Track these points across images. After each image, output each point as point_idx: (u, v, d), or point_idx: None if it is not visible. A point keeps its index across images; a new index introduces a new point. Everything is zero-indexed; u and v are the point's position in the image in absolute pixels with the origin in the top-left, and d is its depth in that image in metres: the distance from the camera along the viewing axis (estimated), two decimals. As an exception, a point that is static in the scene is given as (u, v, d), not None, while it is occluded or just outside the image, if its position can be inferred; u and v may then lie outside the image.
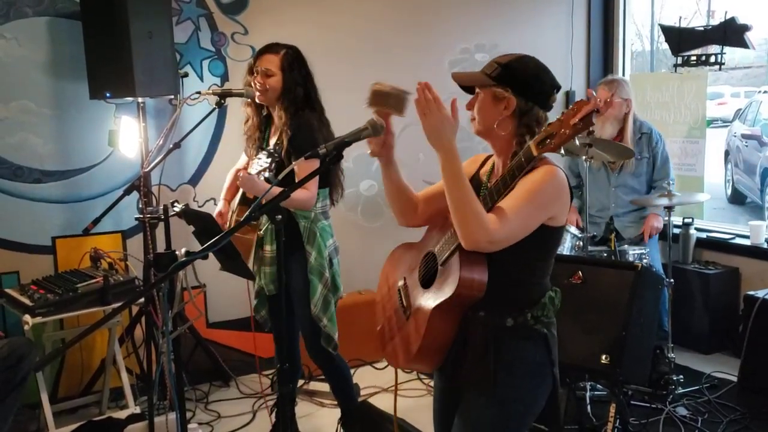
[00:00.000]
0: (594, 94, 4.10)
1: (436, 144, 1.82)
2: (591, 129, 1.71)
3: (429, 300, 1.96)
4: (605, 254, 4.03)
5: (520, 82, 1.92)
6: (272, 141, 3.15)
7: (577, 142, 3.72)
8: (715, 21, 4.60)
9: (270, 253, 3.12)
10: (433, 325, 1.93)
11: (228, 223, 3.23)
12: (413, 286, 2.07)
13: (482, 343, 1.94)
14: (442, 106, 1.81)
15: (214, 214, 3.21)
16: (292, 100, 3.04)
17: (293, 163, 2.59)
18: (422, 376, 4.16)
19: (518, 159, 1.83)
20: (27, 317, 3.18)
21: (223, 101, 3.16)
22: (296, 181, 2.36)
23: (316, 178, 3.01)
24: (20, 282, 3.72)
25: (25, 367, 3.18)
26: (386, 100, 1.93)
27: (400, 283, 2.15)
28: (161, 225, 3.46)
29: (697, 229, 4.80)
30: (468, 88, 2.01)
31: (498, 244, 1.82)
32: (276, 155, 2.91)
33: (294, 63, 3.08)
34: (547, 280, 2.01)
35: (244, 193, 3.13)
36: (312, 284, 3.09)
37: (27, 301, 3.24)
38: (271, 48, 3.08)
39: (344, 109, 3.81)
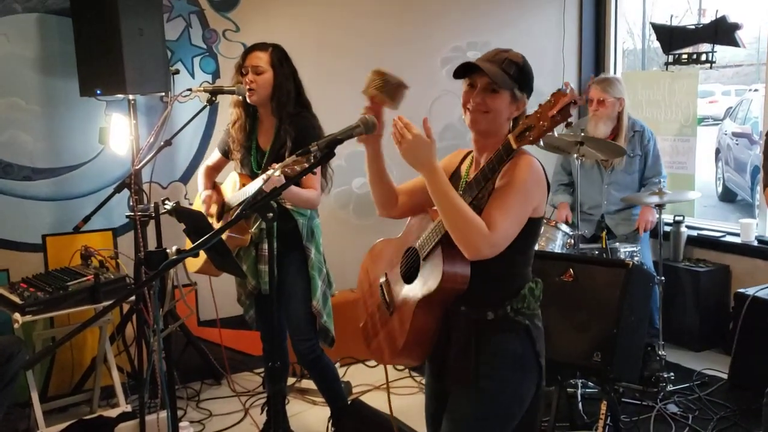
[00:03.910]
0: (571, 85, 4.10)
1: (416, 165, 1.86)
2: (569, 121, 1.70)
3: (413, 295, 1.97)
4: (596, 252, 4.04)
5: (530, 86, 1.97)
6: (261, 140, 3.14)
7: (581, 136, 3.74)
8: (706, 19, 4.62)
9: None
10: (418, 319, 1.95)
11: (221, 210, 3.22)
12: (395, 282, 2.08)
13: (465, 338, 1.95)
14: (413, 128, 1.84)
15: (203, 198, 3.20)
16: (285, 97, 3.04)
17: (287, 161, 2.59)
18: (414, 374, 4.16)
19: (498, 152, 1.83)
20: (17, 315, 3.16)
21: (214, 98, 3.15)
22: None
23: (319, 177, 3.05)
24: (10, 280, 3.70)
25: (15, 366, 3.16)
26: (383, 86, 1.93)
27: (382, 279, 2.16)
28: (152, 223, 3.45)
29: (688, 227, 4.81)
30: (460, 73, 1.97)
31: (499, 248, 1.83)
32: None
33: (283, 59, 3.08)
34: (528, 271, 2.02)
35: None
36: (313, 280, 3.12)
37: (17, 300, 3.22)
38: (258, 46, 3.08)
39: (335, 105, 3.81)
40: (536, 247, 2.22)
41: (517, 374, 1.97)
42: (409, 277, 2.04)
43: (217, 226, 3.13)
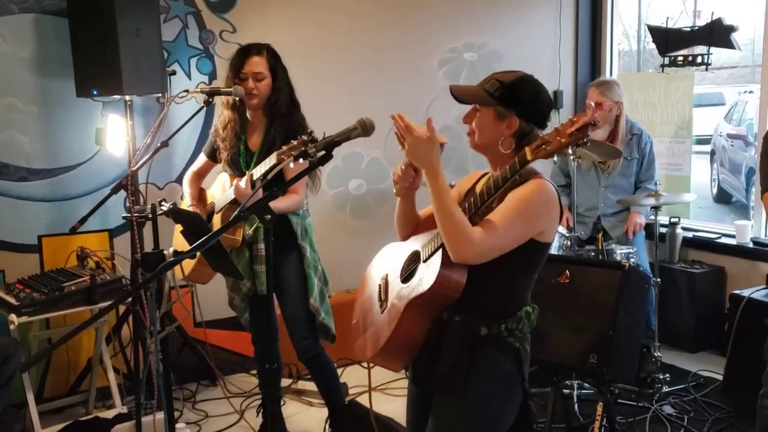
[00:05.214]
0: (593, 105, 4.08)
1: (419, 164, 1.92)
2: (585, 140, 1.75)
3: (406, 294, 1.99)
4: (593, 254, 4.05)
5: (523, 103, 1.95)
6: (250, 141, 3.14)
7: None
8: (702, 22, 4.63)
9: (264, 251, 3.11)
10: (405, 319, 1.96)
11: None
12: (393, 282, 2.10)
13: (456, 348, 1.96)
14: (414, 129, 1.89)
15: None
16: (282, 101, 3.04)
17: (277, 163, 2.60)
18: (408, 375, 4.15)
19: (512, 162, 1.85)
20: (13, 317, 3.16)
21: (211, 100, 3.15)
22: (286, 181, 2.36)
23: (304, 180, 3.03)
24: (6, 281, 3.69)
25: (11, 367, 3.16)
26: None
27: (382, 278, 2.16)
28: (149, 224, 3.45)
29: (684, 229, 4.83)
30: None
31: (485, 256, 1.85)
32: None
33: (277, 59, 3.09)
34: (528, 295, 2.03)
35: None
36: (310, 279, 3.13)
37: (13, 301, 3.22)
38: (253, 50, 3.07)
39: (332, 107, 3.82)
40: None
41: (503, 390, 1.98)
42: (407, 277, 2.04)
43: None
